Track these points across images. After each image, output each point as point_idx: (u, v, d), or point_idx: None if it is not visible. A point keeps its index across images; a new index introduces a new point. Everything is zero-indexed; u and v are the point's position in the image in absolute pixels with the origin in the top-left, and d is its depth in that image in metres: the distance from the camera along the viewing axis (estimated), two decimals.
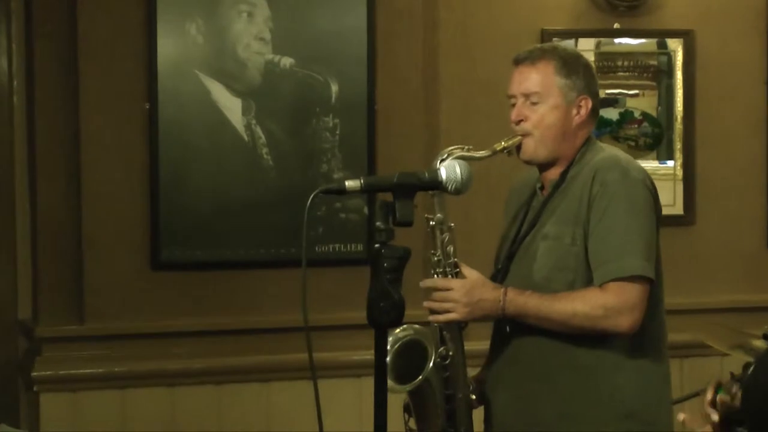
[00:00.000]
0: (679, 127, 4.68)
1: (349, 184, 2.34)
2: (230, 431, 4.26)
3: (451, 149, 2.74)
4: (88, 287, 4.15)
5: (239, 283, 4.29)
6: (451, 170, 2.46)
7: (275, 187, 4.27)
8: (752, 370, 2.16)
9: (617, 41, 4.65)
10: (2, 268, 4.32)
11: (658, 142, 4.69)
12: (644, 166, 2.93)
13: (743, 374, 2.20)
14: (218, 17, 4.22)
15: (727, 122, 4.75)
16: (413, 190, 2.37)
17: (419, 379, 2.74)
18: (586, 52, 4.20)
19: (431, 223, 2.80)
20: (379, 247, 2.26)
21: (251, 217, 4.26)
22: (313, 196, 2.31)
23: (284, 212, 4.23)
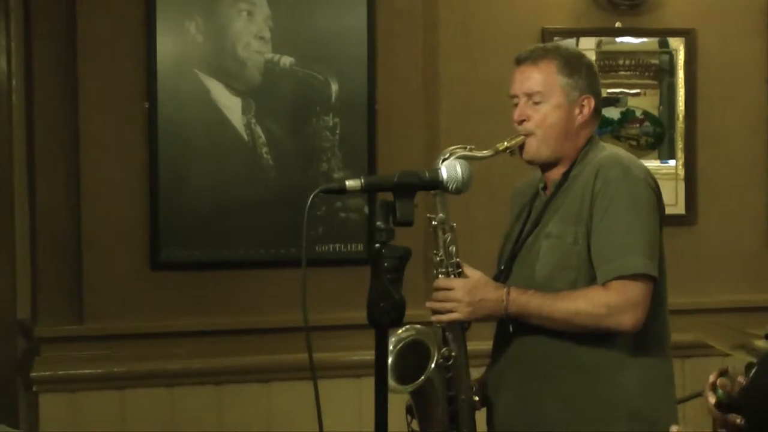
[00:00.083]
0: (680, 126, 4.67)
1: (349, 183, 2.32)
2: (230, 431, 4.24)
3: (453, 149, 2.74)
4: (87, 287, 4.14)
5: (239, 283, 4.28)
6: (451, 170, 2.44)
7: (275, 186, 4.26)
8: (754, 371, 2.16)
9: (618, 40, 4.64)
10: (1, 267, 4.31)
11: (659, 141, 4.68)
12: (646, 165, 2.91)
13: (745, 375, 2.19)
14: (218, 16, 4.21)
15: (729, 121, 4.74)
16: (414, 189, 2.35)
17: (421, 379, 2.73)
18: (587, 51, 4.19)
19: (433, 222, 2.79)
20: (379, 246, 2.25)
21: (251, 216, 4.25)
22: (313, 195, 2.30)
23: (284, 212, 4.22)
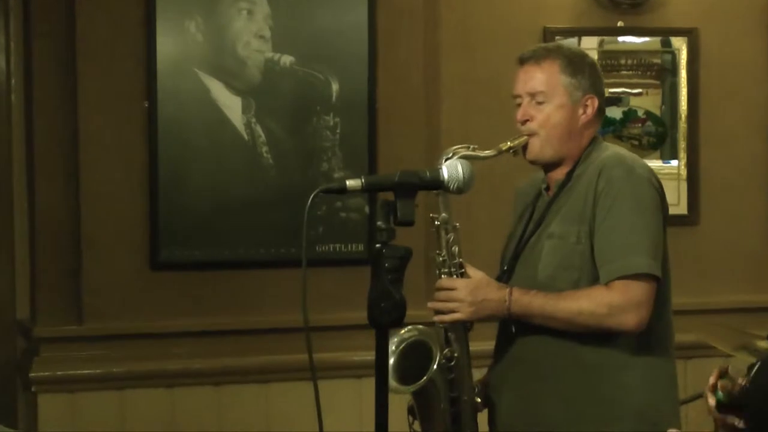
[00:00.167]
0: (683, 126, 4.66)
1: (349, 183, 2.31)
2: None
3: (456, 148, 2.73)
4: (86, 287, 4.13)
5: (239, 283, 4.28)
6: (452, 169, 2.43)
7: (275, 186, 4.25)
8: (755, 371, 2.15)
9: (620, 39, 4.63)
10: (0, 267, 4.30)
11: (661, 141, 4.67)
12: (649, 165, 2.90)
13: (746, 375, 2.18)
14: (218, 15, 4.20)
15: (731, 121, 4.73)
16: (414, 189, 2.34)
17: (423, 379, 2.72)
18: (589, 50, 4.17)
19: (436, 222, 2.79)
20: (380, 246, 2.24)
21: (251, 216, 4.24)
22: (313, 195, 2.29)
23: (284, 211, 4.21)
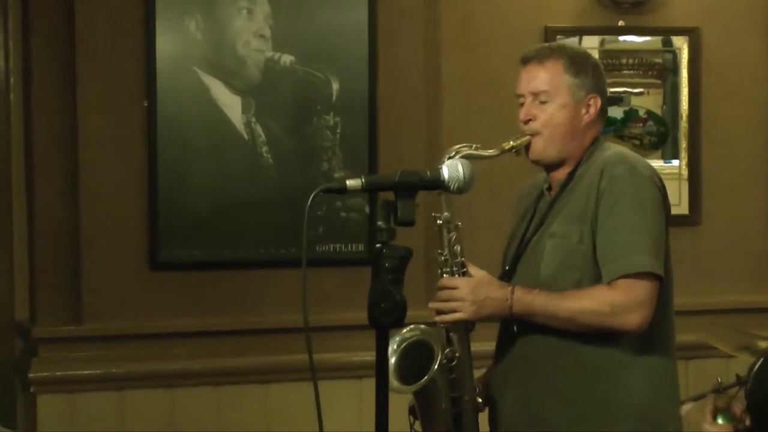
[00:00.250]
0: (684, 125, 4.66)
1: (350, 183, 2.29)
2: None
3: (458, 147, 2.73)
4: (86, 287, 4.12)
5: (239, 283, 4.27)
6: (453, 169, 2.41)
7: (275, 186, 4.24)
8: (757, 368, 2.14)
9: (622, 39, 4.63)
10: None
11: (663, 140, 4.67)
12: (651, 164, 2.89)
13: (747, 374, 2.16)
14: (218, 14, 4.19)
15: (732, 121, 4.72)
16: (415, 189, 2.33)
17: (425, 379, 2.71)
18: (590, 49, 4.14)
19: (438, 222, 2.78)
20: (380, 246, 2.23)
21: (251, 216, 4.23)
22: (313, 195, 2.27)
23: (284, 211, 4.21)
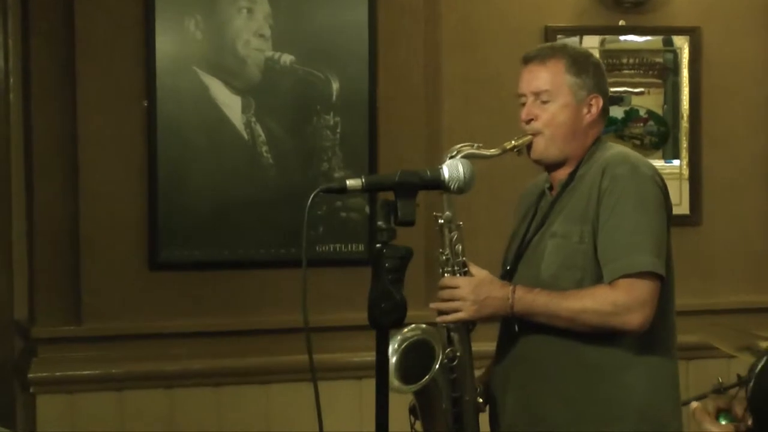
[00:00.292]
0: (685, 125, 4.65)
1: (350, 182, 2.29)
2: None
3: (460, 146, 2.73)
4: (85, 287, 4.12)
5: (238, 283, 4.26)
6: (453, 169, 2.40)
7: (275, 186, 4.24)
8: (759, 369, 2.12)
9: (622, 38, 4.62)
10: None
11: (663, 140, 4.66)
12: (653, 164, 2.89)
13: (749, 374, 2.15)
14: (217, 13, 4.18)
15: (734, 120, 4.71)
16: (415, 188, 2.32)
17: (426, 379, 2.70)
18: (590, 49, 4.14)
19: (440, 221, 2.78)
20: (380, 246, 2.23)
21: (251, 216, 4.22)
22: (313, 195, 2.27)
23: (284, 211, 4.20)
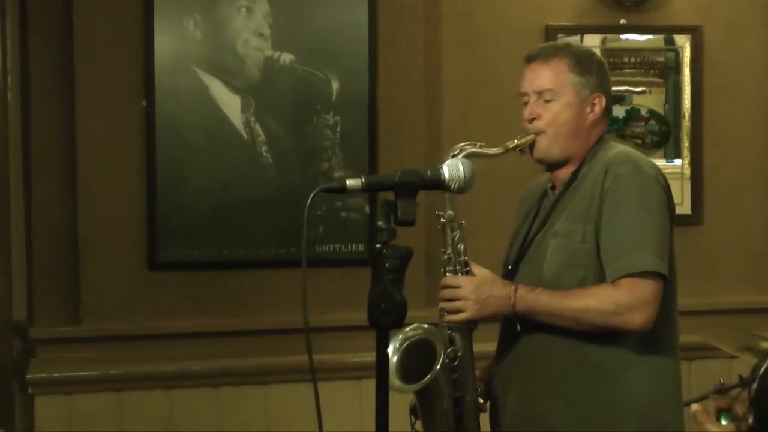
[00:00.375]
0: (686, 124, 4.65)
1: (349, 182, 2.28)
2: None
3: (463, 145, 2.73)
4: (84, 288, 4.11)
5: (238, 283, 4.25)
6: (453, 169, 2.40)
7: (275, 185, 4.23)
8: (763, 370, 2.11)
9: (623, 37, 4.62)
10: None
11: (665, 140, 4.66)
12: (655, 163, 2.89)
13: (752, 375, 2.14)
14: (217, 13, 4.17)
15: (735, 119, 4.71)
16: (415, 188, 2.31)
17: (427, 378, 2.69)
18: (591, 48, 4.14)
19: (442, 220, 2.78)
20: (380, 246, 2.22)
21: (250, 216, 4.22)
22: (313, 194, 2.26)
23: (284, 211, 4.19)
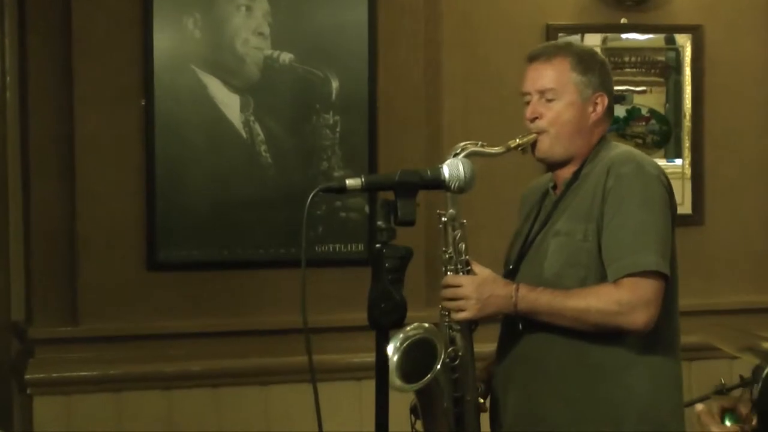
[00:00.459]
0: (687, 124, 4.64)
1: (349, 182, 2.29)
2: None
3: (464, 144, 2.72)
4: (82, 288, 4.10)
5: (237, 283, 4.25)
6: (454, 168, 2.41)
7: (274, 185, 4.22)
8: (767, 372, 2.10)
9: (624, 36, 4.62)
10: None
11: (665, 139, 4.65)
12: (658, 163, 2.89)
13: (754, 376, 2.14)
14: (216, 11, 4.16)
15: (736, 119, 4.71)
16: (415, 188, 2.32)
17: (427, 377, 2.69)
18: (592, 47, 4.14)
19: (443, 219, 2.77)
20: (380, 246, 2.22)
21: (250, 216, 4.21)
22: (312, 194, 2.27)
23: (283, 211, 4.19)
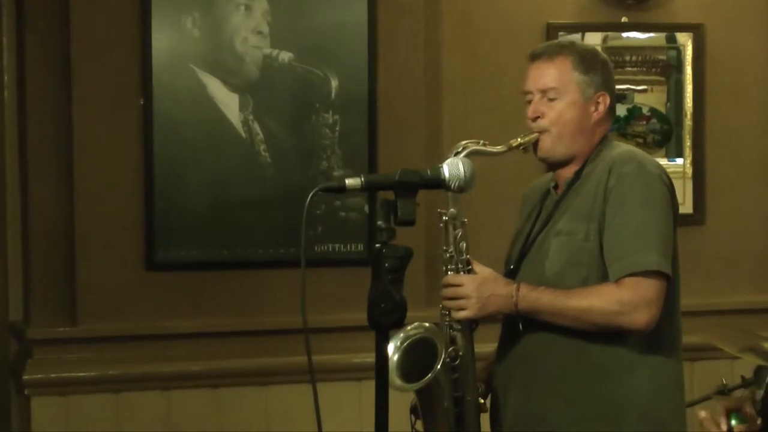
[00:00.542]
0: (688, 123, 4.64)
1: (349, 182, 2.28)
2: None
3: (465, 143, 2.72)
4: (81, 288, 4.10)
5: (237, 283, 4.25)
6: (454, 168, 2.40)
7: (273, 185, 4.22)
8: None
9: (625, 35, 4.62)
10: None
11: (666, 139, 4.65)
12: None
13: (756, 377, 2.13)
14: (215, 10, 4.16)
15: (738, 118, 4.71)
16: (415, 188, 2.31)
17: (428, 377, 2.68)
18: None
19: (444, 218, 2.76)
20: (380, 246, 2.21)
21: (249, 215, 4.21)
22: (312, 194, 2.26)
23: (283, 211, 4.19)
